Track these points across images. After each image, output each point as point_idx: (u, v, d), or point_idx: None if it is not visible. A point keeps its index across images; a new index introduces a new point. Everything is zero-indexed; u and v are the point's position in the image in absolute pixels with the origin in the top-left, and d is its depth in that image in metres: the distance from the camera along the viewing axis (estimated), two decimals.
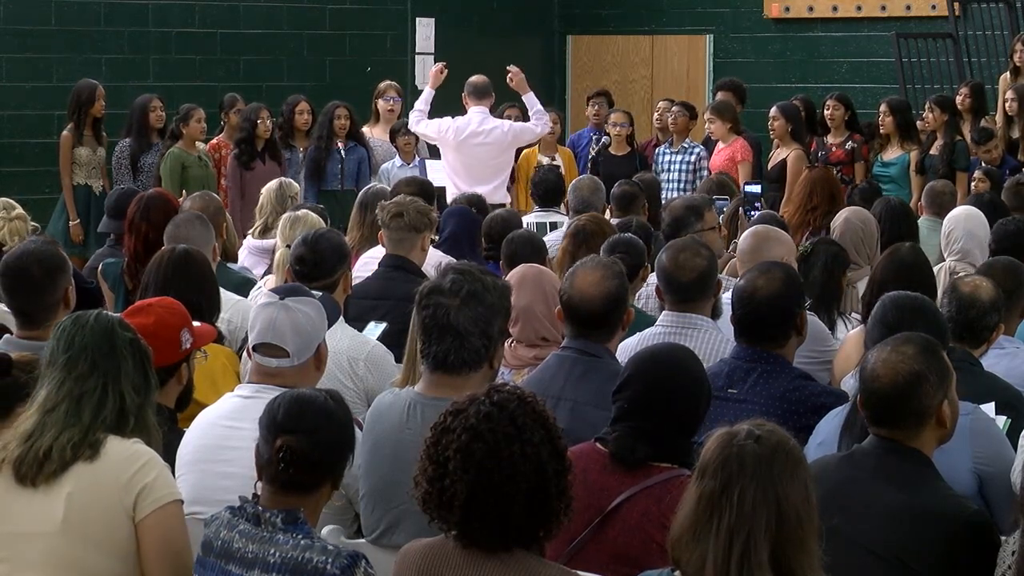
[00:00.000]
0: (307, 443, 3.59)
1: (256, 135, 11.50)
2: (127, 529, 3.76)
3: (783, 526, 3.14)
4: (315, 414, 3.65)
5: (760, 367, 4.90)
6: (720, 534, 3.13)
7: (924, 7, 15.45)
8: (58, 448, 3.76)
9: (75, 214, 11.53)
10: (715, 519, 3.15)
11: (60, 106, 12.25)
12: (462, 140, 10.77)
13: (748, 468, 3.16)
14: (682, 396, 4.10)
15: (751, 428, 3.21)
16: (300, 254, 5.98)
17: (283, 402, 3.68)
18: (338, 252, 6.01)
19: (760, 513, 3.12)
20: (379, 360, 5.57)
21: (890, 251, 6.07)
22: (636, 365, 4.17)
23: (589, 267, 5.09)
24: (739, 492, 3.14)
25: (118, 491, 3.76)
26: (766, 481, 3.15)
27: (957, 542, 3.77)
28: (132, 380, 3.89)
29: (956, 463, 4.29)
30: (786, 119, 11.50)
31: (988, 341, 5.12)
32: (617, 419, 4.10)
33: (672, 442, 4.04)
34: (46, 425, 3.80)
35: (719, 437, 3.22)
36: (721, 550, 3.12)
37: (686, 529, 3.18)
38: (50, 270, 5.33)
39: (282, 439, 3.59)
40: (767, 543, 3.12)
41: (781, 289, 5.00)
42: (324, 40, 15.41)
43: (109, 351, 3.88)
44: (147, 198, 7.28)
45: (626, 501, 3.98)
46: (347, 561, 3.47)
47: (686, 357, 4.23)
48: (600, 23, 17.14)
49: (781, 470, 3.17)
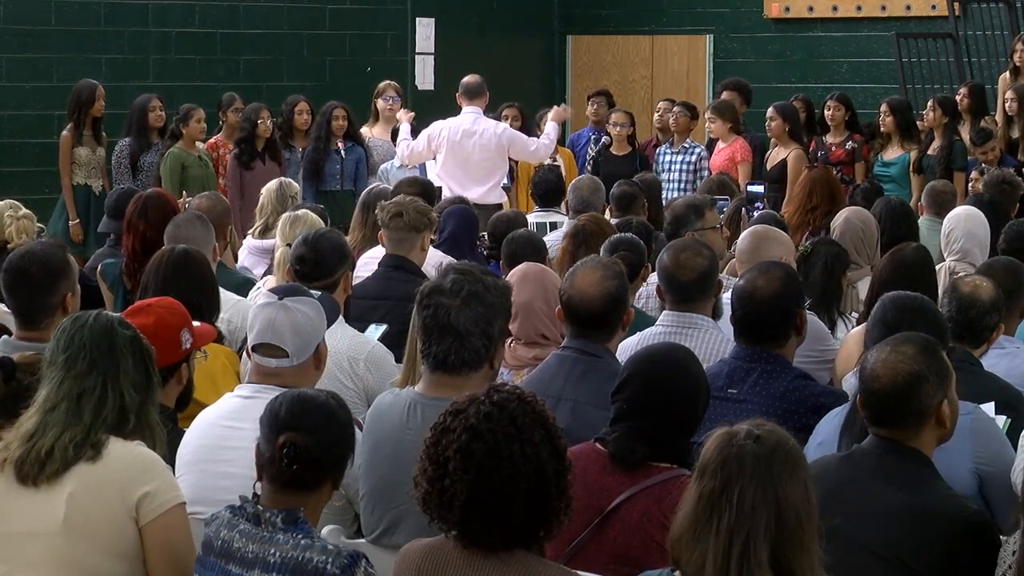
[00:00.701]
0: (310, 440, 3.59)
1: (256, 135, 11.50)
2: (130, 531, 3.77)
3: (783, 526, 3.14)
4: (317, 412, 3.65)
5: (760, 367, 4.90)
6: (720, 534, 3.13)
7: (924, 7, 15.45)
8: (60, 448, 3.76)
9: (75, 214, 11.52)
10: (715, 519, 3.15)
11: (60, 106, 12.25)
12: (457, 140, 10.77)
13: (747, 468, 3.16)
14: (681, 396, 4.10)
15: (751, 428, 3.21)
16: (301, 254, 5.98)
17: (285, 400, 3.68)
18: (339, 252, 6.01)
19: (760, 513, 3.12)
20: (379, 360, 5.57)
21: (893, 251, 6.07)
22: (634, 365, 4.18)
23: (589, 267, 5.09)
24: (739, 492, 3.14)
25: (120, 494, 3.76)
26: (766, 481, 3.15)
27: (957, 542, 3.77)
28: (132, 378, 3.88)
29: (956, 463, 4.29)
30: (783, 119, 11.51)
31: (988, 341, 5.12)
32: (616, 419, 4.11)
33: (671, 442, 4.04)
34: (47, 425, 3.80)
35: (719, 437, 3.22)
36: (721, 550, 3.12)
37: (686, 529, 3.18)
38: (51, 271, 5.32)
39: (285, 436, 3.59)
40: (767, 543, 3.12)
41: (781, 289, 5.00)
42: (324, 40, 15.40)
43: (108, 349, 3.88)
44: (145, 198, 7.28)
45: (626, 501, 3.98)
46: (347, 561, 3.47)
47: (685, 357, 4.23)
48: (600, 23, 17.14)
49: (781, 470, 3.17)
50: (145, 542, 3.77)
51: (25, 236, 7.51)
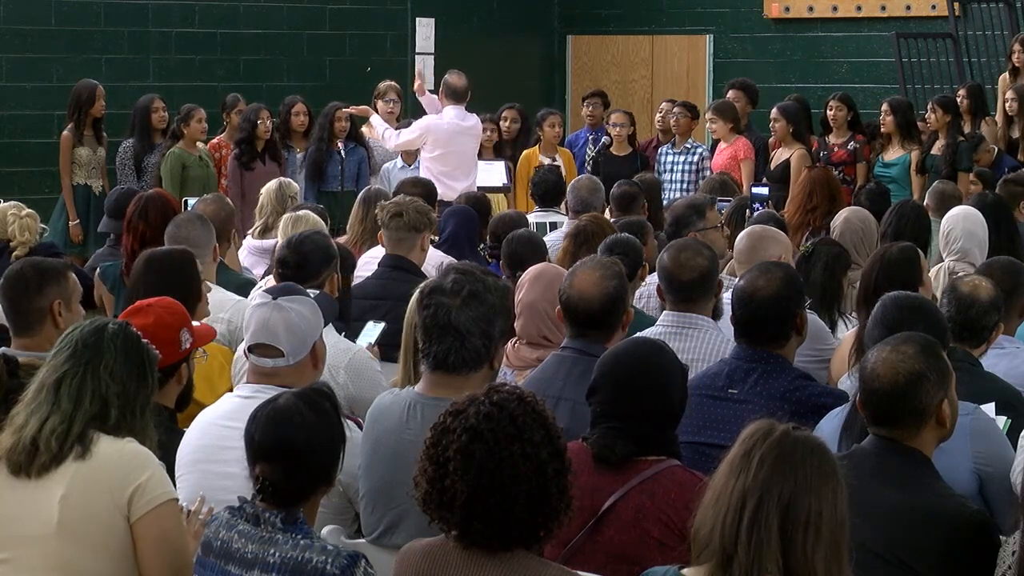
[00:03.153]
0: (282, 472, 3.57)
1: (256, 135, 11.51)
2: (122, 529, 3.76)
3: (796, 506, 3.11)
4: (291, 436, 3.60)
5: (760, 367, 4.89)
6: (734, 494, 3.12)
7: (924, 7, 15.45)
8: (43, 439, 3.76)
9: (75, 214, 11.52)
10: (732, 480, 3.14)
11: (60, 106, 12.25)
12: (453, 134, 10.83)
13: (773, 440, 3.15)
14: (650, 394, 4.07)
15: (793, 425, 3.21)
16: (283, 256, 5.95)
17: (260, 423, 3.64)
18: (323, 254, 5.96)
19: (776, 482, 3.10)
20: (360, 368, 5.52)
21: (881, 249, 6.06)
22: (602, 367, 4.16)
23: (588, 267, 5.09)
24: (759, 458, 3.12)
25: (111, 492, 3.75)
26: (790, 459, 3.13)
27: (957, 542, 3.77)
28: (114, 369, 3.85)
29: (956, 463, 4.28)
30: (787, 120, 11.52)
31: (988, 341, 5.12)
32: (593, 422, 4.11)
33: (653, 435, 4.03)
34: (30, 413, 3.80)
35: (759, 421, 3.22)
36: (734, 510, 3.11)
37: (707, 499, 3.17)
38: (44, 272, 5.27)
39: (259, 467, 3.59)
40: (777, 514, 3.09)
41: (781, 289, 4.99)
42: (324, 40, 15.41)
43: (94, 342, 3.87)
44: (146, 198, 7.27)
45: (619, 500, 3.97)
46: (347, 561, 3.47)
47: (650, 353, 4.19)
48: (600, 23, 17.14)
49: (807, 459, 3.14)
50: (136, 538, 3.75)
51: (28, 234, 7.48)
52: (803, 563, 3.10)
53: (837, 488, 3.17)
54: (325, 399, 3.72)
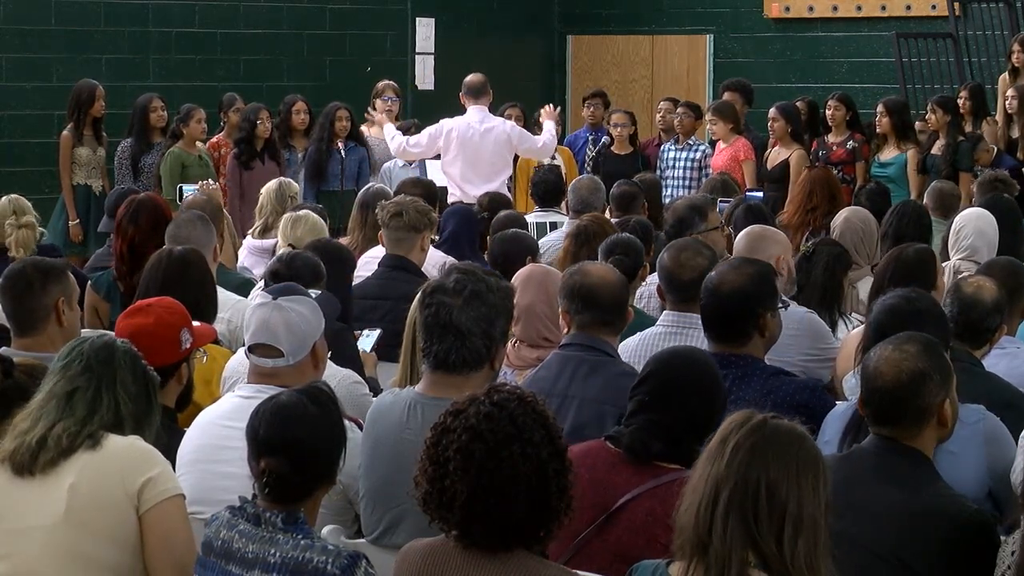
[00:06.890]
0: (289, 466, 3.58)
1: (256, 135, 11.50)
2: (131, 520, 3.77)
3: (773, 494, 3.10)
4: (296, 429, 3.61)
5: (732, 372, 4.79)
6: (709, 480, 3.12)
7: (924, 7, 15.45)
8: (53, 437, 3.77)
9: (75, 214, 11.52)
10: (708, 467, 3.14)
11: (60, 106, 12.25)
12: (468, 138, 10.74)
13: (749, 428, 3.15)
14: (700, 392, 4.08)
15: (773, 416, 3.20)
16: (275, 269, 5.96)
17: (264, 418, 3.65)
18: (312, 272, 5.94)
19: (752, 472, 3.10)
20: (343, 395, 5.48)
21: (895, 250, 6.05)
22: (657, 362, 4.18)
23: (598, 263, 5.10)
24: (734, 445, 3.13)
25: (123, 481, 3.77)
26: (766, 446, 3.13)
27: (957, 542, 3.77)
28: (128, 389, 3.89)
29: (970, 469, 4.28)
30: (785, 120, 11.53)
31: (990, 342, 5.11)
32: (633, 413, 4.09)
33: (684, 441, 4.01)
34: (38, 419, 3.81)
35: (738, 412, 3.22)
36: (707, 499, 3.11)
37: (686, 489, 3.17)
38: (47, 271, 5.28)
39: (265, 461, 3.59)
40: (752, 502, 3.09)
41: (747, 286, 4.93)
42: (324, 40, 15.40)
43: (106, 358, 3.90)
44: (137, 202, 7.19)
45: (631, 501, 3.97)
46: (347, 561, 3.46)
47: (707, 359, 4.25)
48: (600, 23, 17.14)
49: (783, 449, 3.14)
50: (144, 530, 3.77)
51: (23, 250, 7.45)
52: (780, 552, 3.10)
53: (818, 477, 3.16)
54: (326, 396, 3.73)
